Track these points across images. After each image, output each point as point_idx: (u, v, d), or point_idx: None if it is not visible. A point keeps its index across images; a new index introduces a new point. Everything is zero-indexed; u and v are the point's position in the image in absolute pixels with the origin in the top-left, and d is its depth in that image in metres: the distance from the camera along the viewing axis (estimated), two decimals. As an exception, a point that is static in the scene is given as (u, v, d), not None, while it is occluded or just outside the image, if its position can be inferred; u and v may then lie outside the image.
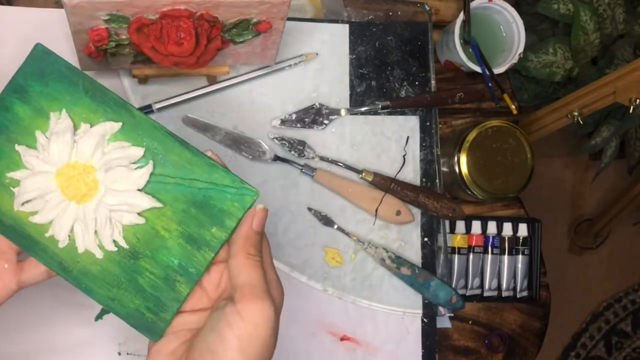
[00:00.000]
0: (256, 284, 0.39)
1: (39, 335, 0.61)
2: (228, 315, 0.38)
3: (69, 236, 0.42)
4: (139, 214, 0.42)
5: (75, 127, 0.42)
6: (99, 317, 0.62)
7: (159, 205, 0.42)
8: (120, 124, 0.42)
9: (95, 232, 0.42)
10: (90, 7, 0.50)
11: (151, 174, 0.42)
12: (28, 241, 0.42)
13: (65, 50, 0.63)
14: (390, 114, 0.71)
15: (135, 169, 0.42)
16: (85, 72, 0.61)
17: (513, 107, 0.74)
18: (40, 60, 0.42)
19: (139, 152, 0.42)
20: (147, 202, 0.41)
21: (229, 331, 0.37)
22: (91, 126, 0.42)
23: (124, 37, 0.55)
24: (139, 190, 0.42)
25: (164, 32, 0.53)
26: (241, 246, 0.41)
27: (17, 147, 0.42)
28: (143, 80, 0.64)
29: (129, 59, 0.60)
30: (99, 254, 0.42)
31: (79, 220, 0.41)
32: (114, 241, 0.42)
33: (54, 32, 0.63)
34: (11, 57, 0.63)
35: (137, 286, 0.42)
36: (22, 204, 0.41)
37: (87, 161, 0.41)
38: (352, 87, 0.71)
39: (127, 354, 0.62)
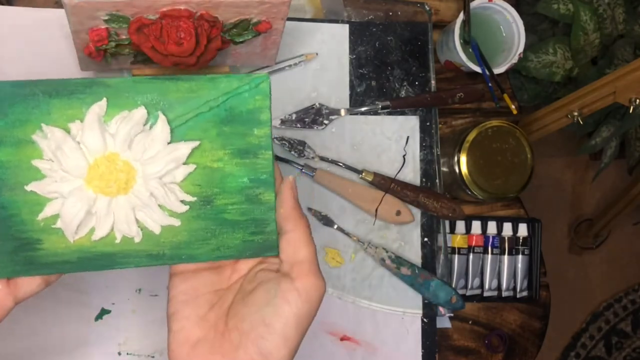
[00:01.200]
0: (313, 261, 0.40)
1: (39, 335, 0.61)
2: (286, 293, 0.38)
3: (139, 227, 0.40)
4: (184, 163, 0.40)
5: (67, 131, 0.39)
6: (99, 317, 0.62)
7: (195, 144, 0.40)
8: (104, 100, 0.39)
9: (160, 205, 0.40)
10: (90, 7, 0.50)
11: (168, 122, 0.39)
12: (104, 260, 0.40)
13: (65, 50, 0.63)
14: (390, 114, 0.71)
15: (151, 128, 0.39)
16: (86, 72, 0.61)
17: (513, 107, 0.74)
18: None
19: (141, 112, 0.39)
20: (184, 148, 0.39)
21: (287, 308, 0.38)
22: (81, 121, 0.39)
23: (124, 37, 0.55)
24: (169, 144, 0.39)
25: (164, 32, 0.53)
26: (295, 219, 0.40)
27: (28, 188, 0.38)
28: (143, 80, 0.64)
29: (129, 59, 0.60)
30: (176, 223, 0.40)
31: (138, 207, 0.39)
32: (182, 202, 0.40)
33: (54, 32, 0.63)
34: (11, 57, 0.63)
35: (229, 222, 0.40)
36: (76, 232, 0.39)
37: (105, 151, 0.39)
38: (352, 87, 0.71)
39: (127, 354, 0.62)
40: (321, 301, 0.39)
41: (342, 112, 0.70)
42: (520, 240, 0.77)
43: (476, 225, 0.75)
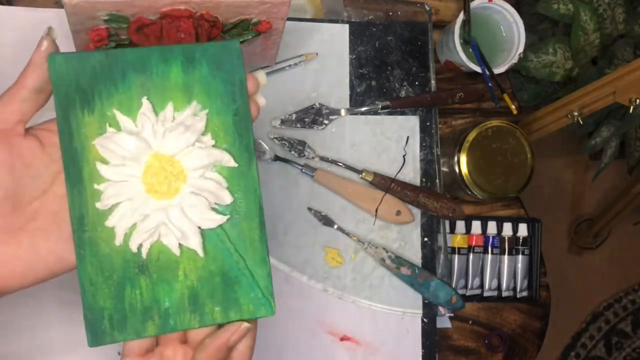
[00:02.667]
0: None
1: (39, 335, 0.61)
2: None
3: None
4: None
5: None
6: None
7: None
8: (235, 164, 0.40)
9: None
10: (90, 7, 0.50)
11: (222, 228, 0.40)
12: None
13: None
14: (390, 114, 0.71)
15: (212, 209, 0.40)
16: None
17: (513, 107, 0.74)
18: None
19: (228, 198, 0.40)
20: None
21: None
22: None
23: (124, 37, 0.55)
24: (199, 228, 0.40)
25: (164, 32, 0.53)
26: (207, 357, 0.38)
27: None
28: (143, 80, 0.64)
29: (129, 59, 0.59)
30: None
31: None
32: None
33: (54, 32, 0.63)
34: (11, 57, 0.63)
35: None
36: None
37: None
38: (352, 87, 0.71)
39: (127, 354, 0.62)
40: None
41: (342, 112, 0.70)
42: (520, 240, 0.77)
43: (476, 225, 0.75)
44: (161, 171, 0.38)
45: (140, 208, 0.39)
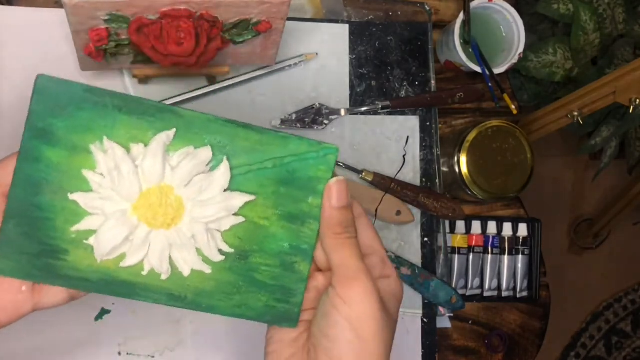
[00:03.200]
0: (348, 264, 0.38)
1: (39, 335, 0.61)
2: (333, 299, 0.37)
3: (170, 265, 0.38)
4: (234, 214, 0.39)
5: (128, 151, 0.37)
6: (99, 317, 0.62)
7: (251, 198, 0.39)
8: (173, 130, 0.37)
9: (197, 249, 0.38)
10: (90, 7, 0.50)
11: (230, 169, 0.38)
12: (124, 288, 0.38)
13: (65, 50, 0.63)
14: (390, 114, 0.71)
15: (211, 170, 0.38)
16: (86, 72, 0.61)
17: (513, 107, 0.74)
18: (50, 93, 0.36)
19: (207, 152, 0.38)
20: (239, 199, 0.38)
21: (337, 315, 0.37)
22: (145, 145, 0.37)
23: (124, 37, 0.55)
24: (225, 191, 0.38)
25: (164, 32, 0.53)
26: (326, 227, 0.39)
27: (71, 197, 0.37)
28: (143, 80, 0.64)
29: (129, 59, 0.60)
30: (207, 270, 0.39)
31: (175, 245, 0.38)
32: (219, 250, 0.39)
33: (54, 32, 0.63)
34: (11, 57, 0.63)
35: (258, 283, 0.39)
36: (107, 254, 0.37)
37: (160, 182, 0.37)
38: (352, 87, 0.71)
39: (127, 354, 0.62)
40: (374, 301, 0.37)
41: (342, 112, 0.70)
42: (520, 240, 0.77)
43: (476, 225, 0.75)
44: (159, 203, 0.37)
45: (179, 239, 0.38)
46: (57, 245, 0.37)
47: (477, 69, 0.72)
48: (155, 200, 0.37)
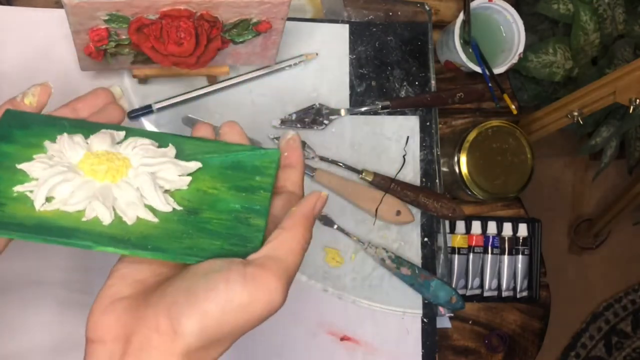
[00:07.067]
0: (289, 269, 0.35)
1: (39, 335, 0.61)
2: (230, 272, 0.33)
3: (114, 213, 0.38)
4: (180, 175, 0.40)
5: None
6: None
7: (198, 164, 0.40)
8: (123, 132, 0.41)
9: (144, 203, 0.38)
10: (90, 7, 0.50)
11: (176, 155, 0.40)
12: (62, 233, 0.37)
13: (65, 50, 0.63)
14: (390, 114, 0.71)
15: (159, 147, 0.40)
16: (86, 72, 0.61)
17: (513, 107, 0.74)
18: (14, 118, 0.40)
19: (153, 142, 0.40)
20: (185, 164, 0.40)
21: (222, 286, 0.32)
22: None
23: (124, 37, 0.55)
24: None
25: (164, 32, 0.54)
26: (299, 223, 0.36)
27: (19, 166, 0.38)
28: (143, 80, 0.64)
29: (129, 59, 0.60)
30: (153, 219, 0.38)
31: (121, 197, 0.38)
32: (168, 204, 0.39)
33: (54, 32, 0.63)
34: (11, 57, 0.63)
35: (210, 232, 0.38)
36: (43, 203, 0.37)
37: (108, 149, 0.40)
38: (352, 87, 0.71)
39: (127, 354, 0.62)
40: (268, 311, 0.33)
41: (342, 112, 0.70)
42: (520, 240, 0.77)
43: (476, 225, 0.75)
44: (107, 158, 0.39)
45: (124, 191, 0.39)
46: None
47: (477, 69, 0.72)
48: (102, 156, 0.39)
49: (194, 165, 0.40)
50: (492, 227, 0.76)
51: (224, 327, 0.32)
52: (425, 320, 0.70)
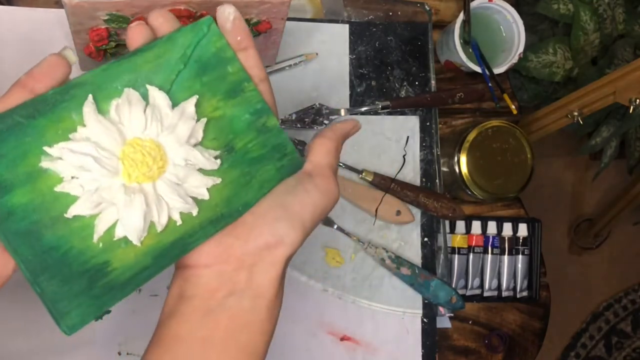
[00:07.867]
0: (334, 170, 0.43)
1: (39, 335, 0.61)
2: (306, 184, 0.41)
3: (192, 199, 0.38)
4: (196, 120, 0.39)
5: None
6: (99, 317, 0.62)
7: (195, 97, 0.39)
8: (90, 96, 0.36)
9: (199, 171, 0.38)
10: (90, 7, 0.50)
11: (160, 90, 0.38)
12: (176, 247, 0.38)
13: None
14: (390, 114, 0.71)
15: (148, 103, 0.37)
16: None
17: (513, 107, 0.74)
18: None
19: (131, 92, 0.36)
20: (190, 103, 0.38)
21: (306, 195, 0.40)
22: (83, 126, 0.35)
23: (124, 37, 0.55)
24: (173, 108, 0.38)
25: (164, 32, 0.53)
26: (340, 136, 0.44)
27: (69, 214, 0.34)
28: (143, 80, 0.64)
29: (129, 59, 0.60)
30: (217, 180, 0.39)
31: (181, 180, 0.38)
32: (214, 158, 0.39)
33: (54, 32, 0.63)
34: (11, 57, 0.63)
35: (257, 159, 0.41)
36: (142, 232, 0.36)
37: (124, 140, 0.36)
38: (352, 87, 0.71)
39: (127, 354, 0.62)
40: (333, 205, 0.42)
41: (342, 112, 0.70)
42: (520, 240, 0.77)
43: (476, 225, 0.75)
44: (141, 156, 0.36)
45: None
46: (96, 264, 0.35)
47: (477, 69, 0.72)
48: (134, 157, 0.36)
49: (193, 100, 0.38)
50: (492, 227, 0.76)
51: (312, 227, 0.40)
52: (425, 320, 0.70)
